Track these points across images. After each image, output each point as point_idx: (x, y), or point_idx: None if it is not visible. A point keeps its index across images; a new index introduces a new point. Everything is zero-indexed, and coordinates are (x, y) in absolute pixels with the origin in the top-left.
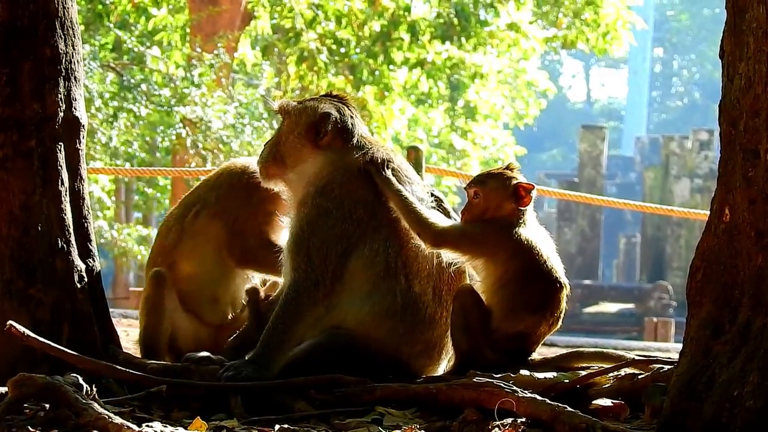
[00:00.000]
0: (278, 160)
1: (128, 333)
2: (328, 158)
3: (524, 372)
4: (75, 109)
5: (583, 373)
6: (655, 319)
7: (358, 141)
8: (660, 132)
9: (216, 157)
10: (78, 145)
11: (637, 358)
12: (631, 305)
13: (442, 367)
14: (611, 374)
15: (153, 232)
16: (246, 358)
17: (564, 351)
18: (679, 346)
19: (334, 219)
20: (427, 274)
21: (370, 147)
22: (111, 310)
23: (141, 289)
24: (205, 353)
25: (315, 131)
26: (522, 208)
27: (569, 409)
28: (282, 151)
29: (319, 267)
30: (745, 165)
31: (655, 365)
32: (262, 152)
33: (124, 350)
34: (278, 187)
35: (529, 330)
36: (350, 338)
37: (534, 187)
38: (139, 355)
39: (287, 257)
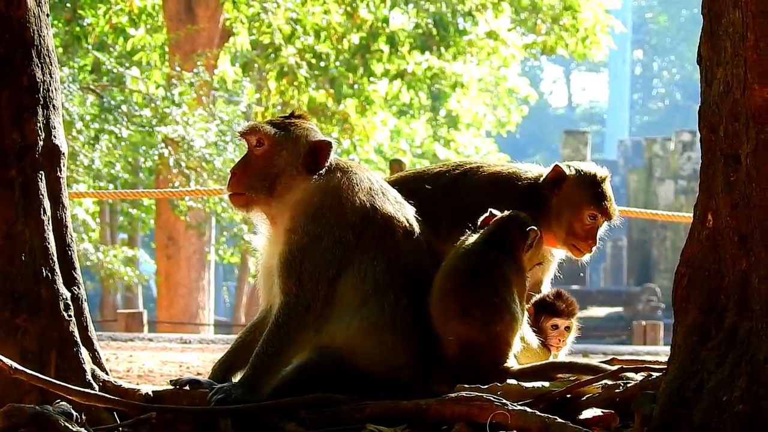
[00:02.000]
0: (267, 189)
1: (117, 356)
2: (315, 184)
3: (512, 382)
4: (54, 137)
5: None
6: (643, 323)
7: (336, 163)
8: (642, 134)
9: (199, 176)
10: (59, 172)
11: (617, 367)
12: (619, 309)
13: (433, 375)
14: (600, 383)
15: (139, 253)
16: (235, 381)
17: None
18: (669, 348)
19: (325, 244)
20: (414, 288)
21: (349, 168)
22: (99, 333)
23: (129, 311)
24: (193, 376)
25: (312, 160)
26: None
27: (559, 420)
28: (274, 180)
29: (311, 291)
30: (726, 170)
31: (641, 371)
32: (247, 182)
33: (112, 375)
34: (256, 214)
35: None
36: (339, 356)
37: None
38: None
39: (278, 281)
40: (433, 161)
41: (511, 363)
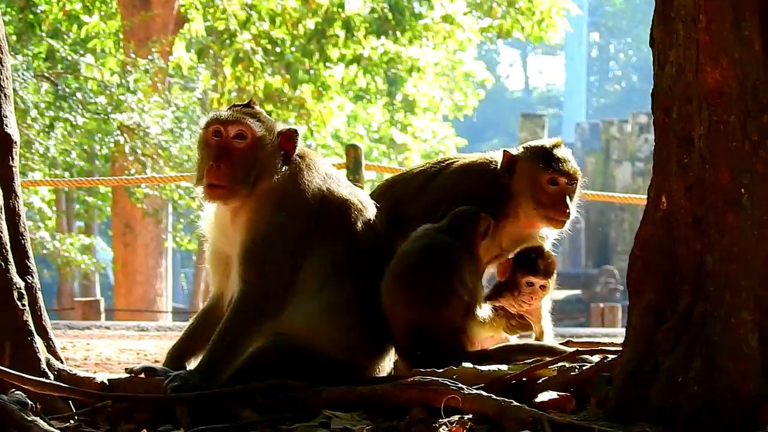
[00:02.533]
0: (251, 182)
1: (74, 344)
2: (281, 173)
3: (467, 365)
4: (6, 125)
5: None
6: (602, 305)
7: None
8: (599, 117)
9: (155, 163)
10: (11, 162)
11: (572, 349)
12: (577, 291)
13: (389, 360)
14: (556, 366)
15: (96, 241)
16: (190, 367)
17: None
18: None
19: (289, 233)
20: (373, 269)
21: (305, 154)
22: (56, 321)
23: (86, 299)
24: (148, 364)
25: (286, 150)
26: None
27: (515, 403)
28: (258, 174)
29: (272, 281)
30: (679, 152)
31: (597, 353)
32: (232, 176)
33: (69, 363)
34: (233, 205)
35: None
36: (294, 341)
37: None
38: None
39: (238, 269)
40: (390, 146)
41: (467, 346)
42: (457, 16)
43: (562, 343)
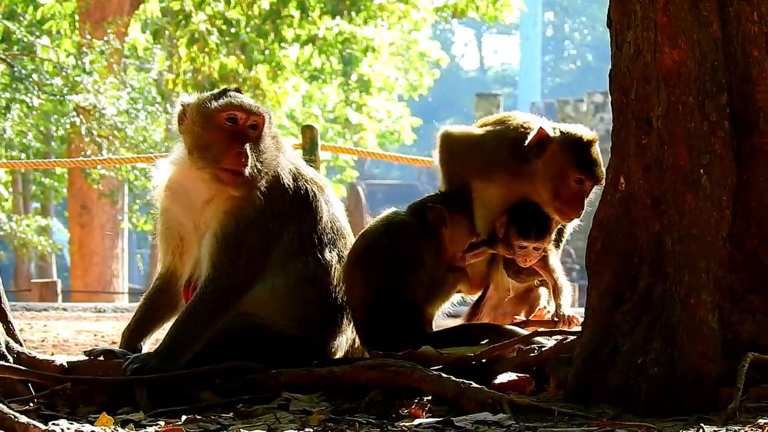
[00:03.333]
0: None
1: (31, 326)
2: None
3: (427, 347)
4: None
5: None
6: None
7: None
8: (555, 96)
9: (111, 144)
10: None
11: (531, 330)
12: None
13: (347, 335)
14: (515, 347)
15: (52, 222)
16: (146, 348)
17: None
18: (583, 310)
19: (268, 218)
20: (339, 246)
21: (276, 136)
22: (13, 303)
23: (43, 280)
24: (107, 347)
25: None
26: None
27: (475, 385)
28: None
29: (245, 268)
30: (638, 133)
31: (556, 334)
32: (254, 165)
33: (26, 345)
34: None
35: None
36: (254, 321)
37: None
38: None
39: (210, 253)
40: (345, 126)
41: (425, 327)
42: None
43: (519, 324)
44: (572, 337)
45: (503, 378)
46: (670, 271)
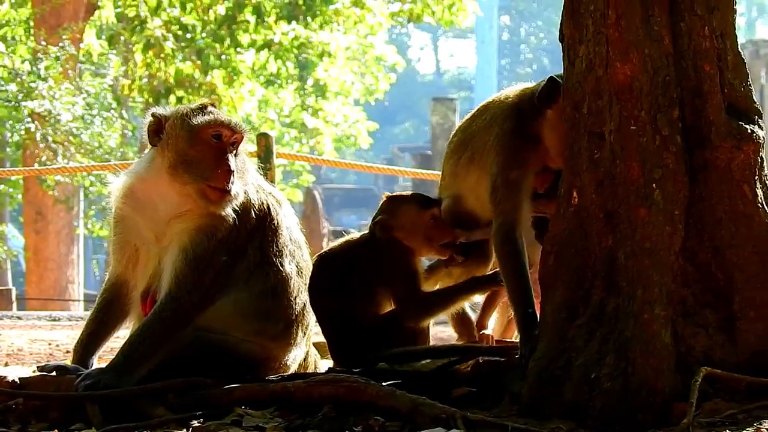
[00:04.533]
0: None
1: None
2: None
3: (382, 365)
4: None
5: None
6: None
7: None
8: None
9: (67, 150)
10: None
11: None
12: None
13: (302, 349)
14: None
15: (7, 229)
16: (98, 362)
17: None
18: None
19: (234, 236)
20: (299, 255)
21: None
22: None
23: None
24: (59, 362)
25: None
26: None
27: (428, 400)
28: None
29: (208, 286)
30: (590, 147)
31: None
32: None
33: None
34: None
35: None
36: (209, 337)
37: None
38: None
39: (177, 269)
40: (301, 131)
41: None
42: (367, 1)
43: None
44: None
45: (459, 392)
46: (623, 286)
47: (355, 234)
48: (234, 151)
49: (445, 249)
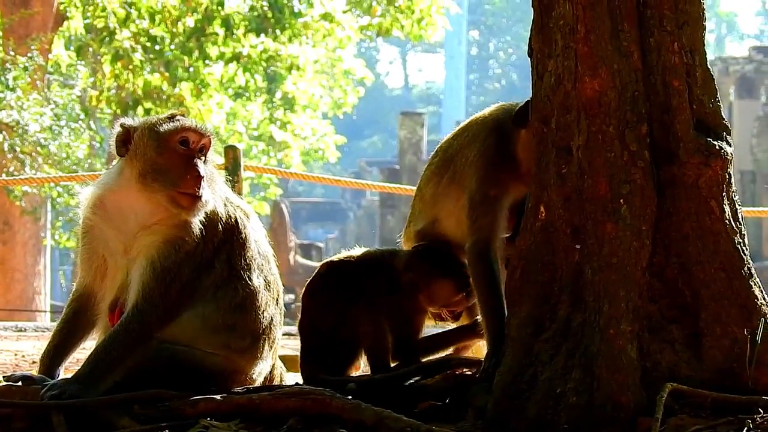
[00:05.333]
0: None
1: None
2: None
3: (351, 385)
4: None
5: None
6: None
7: None
8: None
9: (34, 161)
10: None
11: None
12: None
13: (268, 362)
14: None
15: None
16: (64, 373)
17: None
18: None
19: (201, 248)
20: (267, 269)
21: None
22: None
23: None
24: (26, 372)
25: None
26: None
27: (394, 413)
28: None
29: (174, 299)
30: (558, 162)
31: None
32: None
33: None
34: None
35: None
36: (175, 350)
37: None
38: None
39: (143, 281)
40: (269, 144)
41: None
42: (336, 14)
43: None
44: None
45: (424, 405)
46: (590, 301)
47: (376, 253)
48: (203, 158)
49: (446, 312)
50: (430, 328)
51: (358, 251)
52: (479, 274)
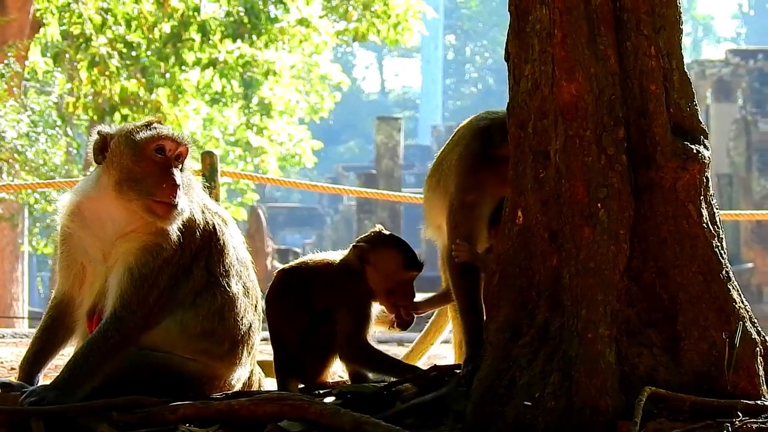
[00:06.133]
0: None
1: None
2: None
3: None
4: None
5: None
6: None
7: None
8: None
9: (11, 167)
10: None
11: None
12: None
13: (247, 367)
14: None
15: None
16: (43, 379)
17: None
18: None
19: (179, 255)
20: (245, 275)
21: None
22: None
23: None
24: (4, 379)
25: None
26: None
27: (372, 419)
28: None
29: (152, 306)
30: (535, 167)
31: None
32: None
33: None
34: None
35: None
36: (154, 356)
37: None
38: None
39: (122, 288)
40: (246, 149)
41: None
42: (312, 20)
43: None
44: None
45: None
46: (568, 305)
47: (331, 255)
48: (180, 166)
49: (396, 310)
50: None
51: (319, 255)
52: (456, 280)
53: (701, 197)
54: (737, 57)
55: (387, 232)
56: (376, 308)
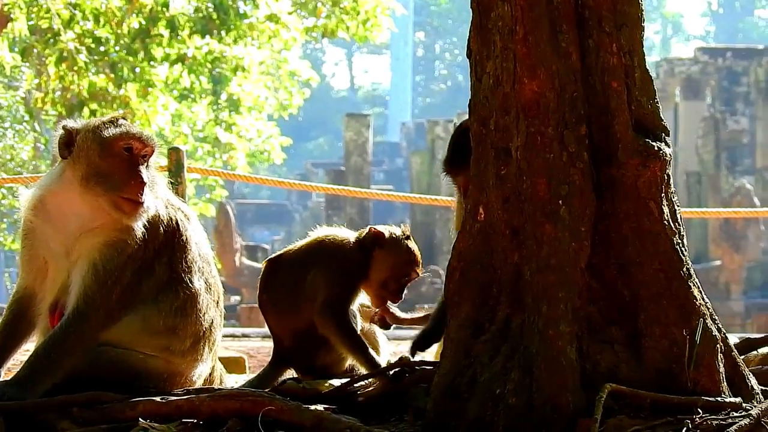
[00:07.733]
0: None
1: None
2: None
3: (291, 382)
4: None
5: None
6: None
7: None
8: (425, 116)
9: None
10: None
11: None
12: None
13: (208, 364)
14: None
15: None
16: (10, 378)
17: None
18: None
19: (142, 251)
20: (207, 271)
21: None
22: None
23: None
24: None
25: None
26: None
27: (333, 415)
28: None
29: (115, 302)
30: (497, 163)
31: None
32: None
33: None
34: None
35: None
36: (116, 352)
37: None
38: None
39: (85, 284)
40: (215, 145)
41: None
42: (282, 16)
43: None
44: (432, 367)
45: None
46: (529, 302)
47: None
48: (145, 164)
49: (380, 302)
50: None
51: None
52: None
53: (662, 194)
54: (706, 55)
55: (406, 232)
56: (360, 299)
